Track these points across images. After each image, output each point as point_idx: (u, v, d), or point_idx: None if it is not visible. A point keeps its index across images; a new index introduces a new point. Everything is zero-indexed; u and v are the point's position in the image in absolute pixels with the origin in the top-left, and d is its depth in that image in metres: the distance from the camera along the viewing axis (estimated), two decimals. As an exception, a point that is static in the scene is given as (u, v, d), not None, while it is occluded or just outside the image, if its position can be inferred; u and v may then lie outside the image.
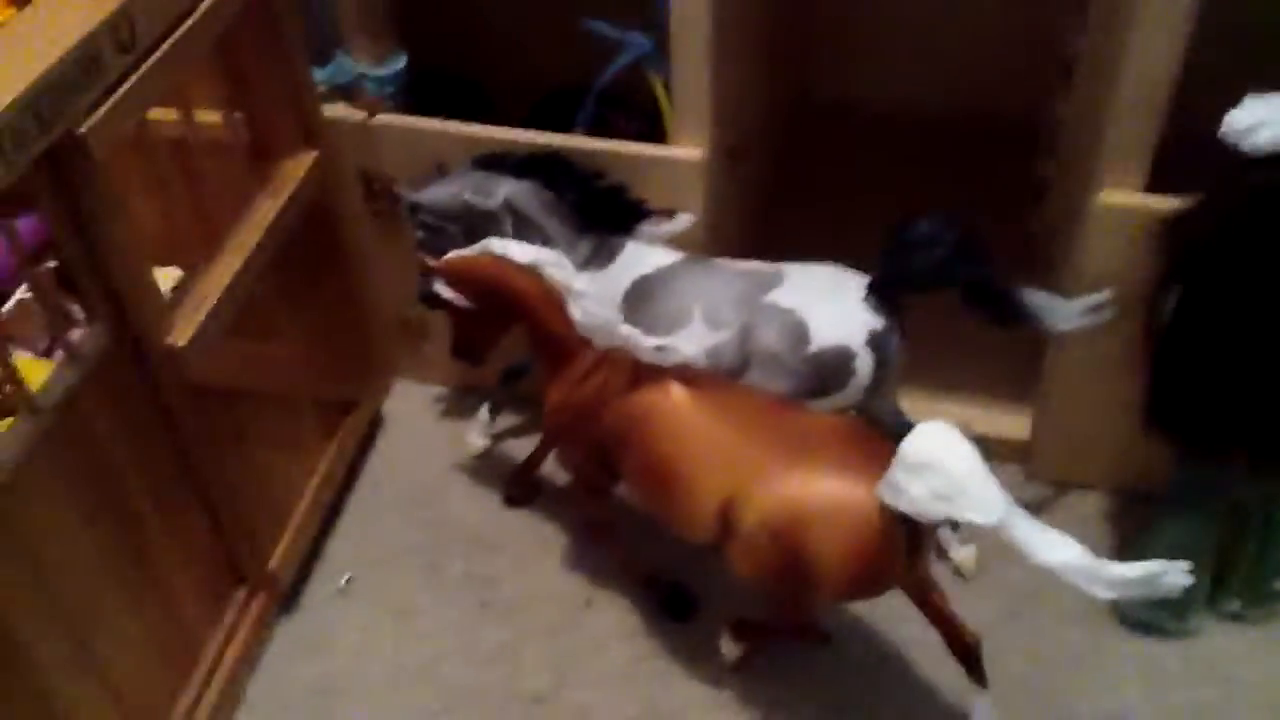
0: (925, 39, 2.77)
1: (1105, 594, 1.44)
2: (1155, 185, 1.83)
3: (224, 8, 1.73)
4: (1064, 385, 2.09)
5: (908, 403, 2.15)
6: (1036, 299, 1.81)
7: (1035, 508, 2.17)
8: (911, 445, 1.47)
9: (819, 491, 1.57)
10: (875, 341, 1.82)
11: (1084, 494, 2.20)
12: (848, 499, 1.55)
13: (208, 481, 1.87)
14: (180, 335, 1.70)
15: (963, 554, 2.06)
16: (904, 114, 2.83)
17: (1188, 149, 1.69)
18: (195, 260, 1.83)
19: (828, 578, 1.58)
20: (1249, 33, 1.93)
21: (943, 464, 1.45)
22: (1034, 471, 2.24)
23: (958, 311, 1.84)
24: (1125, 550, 2.01)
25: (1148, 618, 1.97)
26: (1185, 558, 1.87)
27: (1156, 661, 1.95)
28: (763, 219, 2.50)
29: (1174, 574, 1.46)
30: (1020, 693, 1.86)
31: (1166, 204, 1.78)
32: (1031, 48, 2.46)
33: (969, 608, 1.79)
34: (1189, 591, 1.89)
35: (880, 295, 1.84)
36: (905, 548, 1.56)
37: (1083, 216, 1.88)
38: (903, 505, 1.48)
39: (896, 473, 1.48)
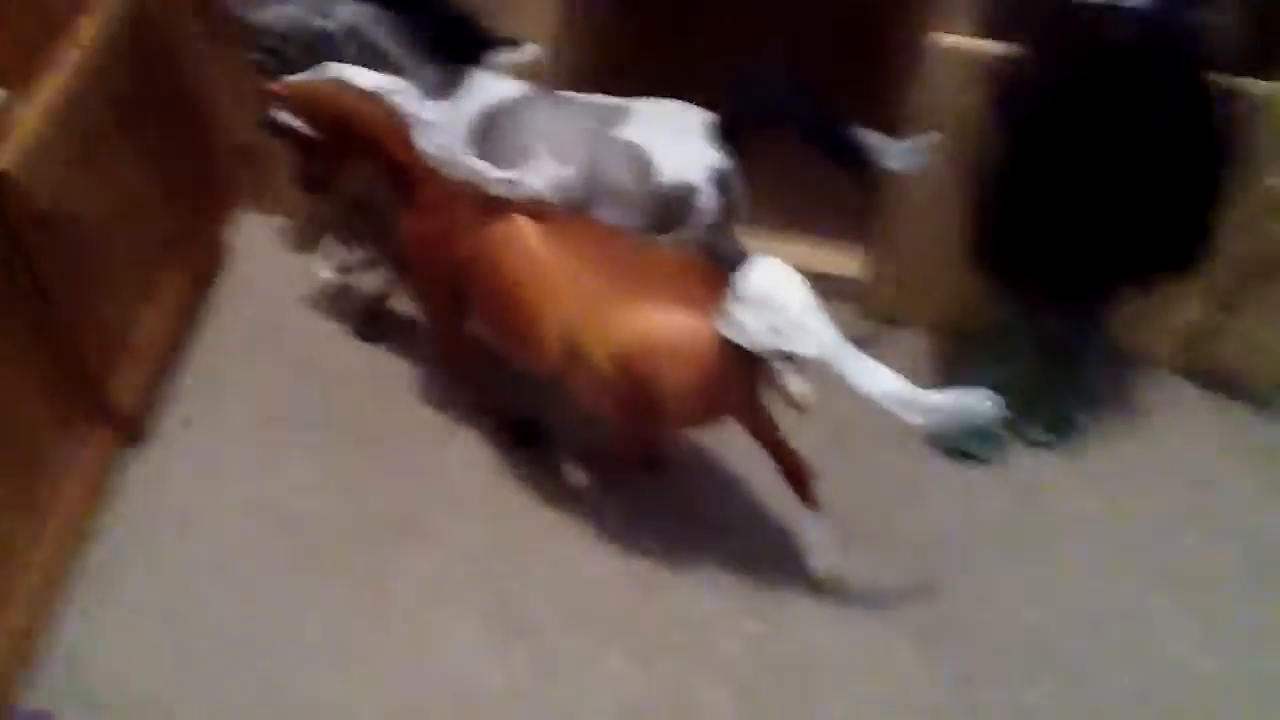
0: None
1: (923, 421, 1.56)
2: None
3: None
4: (896, 225, 2.19)
5: (750, 241, 2.22)
6: (868, 138, 1.88)
7: (867, 344, 2.27)
8: (747, 281, 1.54)
9: (661, 324, 1.63)
10: (718, 178, 1.87)
11: (915, 332, 2.32)
12: (688, 331, 1.61)
13: (46, 313, 1.83)
14: (5, 158, 1.63)
15: (798, 387, 2.17)
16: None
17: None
18: (14, 84, 1.74)
19: (670, 406, 1.66)
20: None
21: (776, 299, 1.53)
22: (868, 310, 2.34)
23: (801, 153, 1.90)
24: (949, 385, 2.15)
25: (961, 445, 2.12)
26: (1000, 390, 2.05)
27: (970, 484, 2.12)
28: (617, 54, 2.47)
29: (984, 403, 1.59)
30: (846, 513, 1.98)
31: (994, 48, 1.85)
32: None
33: (799, 437, 1.91)
34: (999, 421, 2.08)
35: (724, 134, 1.88)
36: (744, 378, 1.64)
37: (918, 60, 1.94)
38: (739, 338, 1.56)
39: (733, 307, 1.55)
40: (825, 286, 2.29)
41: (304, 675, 1.83)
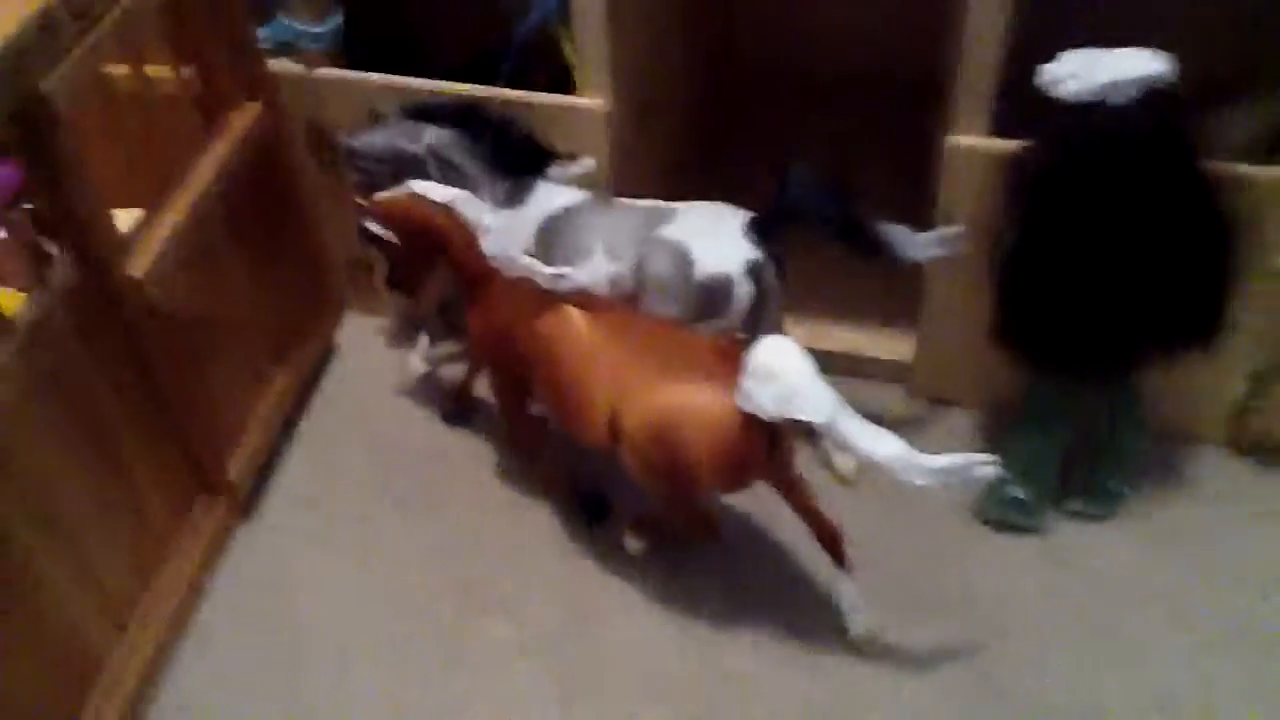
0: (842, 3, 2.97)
1: (922, 481, 1.70)
2: (1008, 130, 2.06)
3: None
4: (938, 311, 2.33)
5: (803, 329, 2.40)
6: (891, 231, 2.06)
7: (914, 424, 2.42)
8: (756, 356, 1.73)
9: (688, 397, 1.83)
10: (753, 270, 2.06)
11: (959, 410, 2.45)
12: (711, 403, 1.80)
13: (171, 398, 2.11)
14: (137, 267, 1.94)
15: (843, 464, 2.32)
16: (823, 72, 3.03)
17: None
18: (153, 202, 2.07)
19: (698, 471, 1.84)
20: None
21: (782, 371, 1.71)
22: (915, 390, 2.48)
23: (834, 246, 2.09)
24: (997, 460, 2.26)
25: (1003, 516, 2.22)
26: (1033, 463, 2.17)
27: (1010, 553, 2.21)
28: (676, 165, 2.72)
29: (984, 466, 1.72)
30: (885, 581, 2.11)
31: (1004, 146, 2.02)
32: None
33: (847, 510, 2.05)
34: (1038, 491, 2.18)
35: (759, 230, 2.08)
36: (763, 445, 1.82)
37: (939, 159, 2.11)
38: (750, 407, 1.74)
39: (746, 380, 1.74)
40: (876, 370, 2.49)
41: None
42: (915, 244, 2.08)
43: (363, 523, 2.37)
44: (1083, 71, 1.80)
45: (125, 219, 2.00)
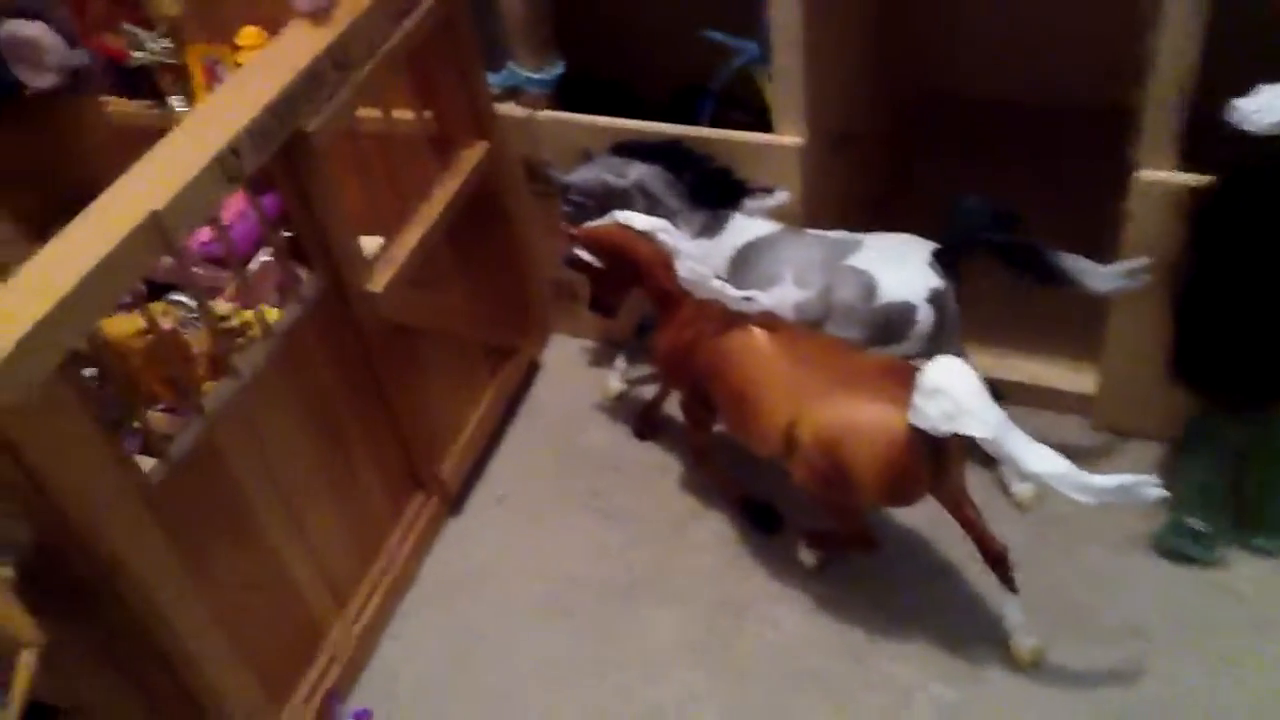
0: (1032, 33, 3.02)
1: (1088, 499, 1.76)
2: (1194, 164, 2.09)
3: (416, 32, 2.22)
4: (1122, 343, 2.35)
5: (985, 358, 2.47)
6: (1073, 262, 2.11)
7: (1098, 456, 2.44)
8: (927, 374, 1.83)
9: (860, 413, 1.94)
10: (935, 298, 2.16)
11: (1141, 443, 2.44)
12: (881, 418, 1.91)
13: (395, 400, 2.38)
14: (376, 284, 2.20)
15: (1020, 489, 2.37)
16: (1012, 104, 3.09)
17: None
18: (391, 228, 2.35)
19: (866, 483, 1.95)
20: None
21: (950, 388, 1.80)
22: (1096, 422, 2.50)
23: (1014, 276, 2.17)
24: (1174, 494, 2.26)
25: (1178, 546, 2.22)
26: (1204, 494, 2.16)
27: (1179, 584, 2.20)
28: (864, 196, 2.83)
29: (1146, 487, 1.76)
30: (1051, 603, 2.15)
31: (1190, 180, 2.04)
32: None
33: (1020, 532, 2.12)
34: (1213, 524, 2.17)
35: (942, 259, 2.18)
36: (931, 461, 1.91)
37: (1126, 192, 2.15)
38: (920, 422, 1.84)
39: (916, 396, 1.84)
40: (1056, 401, 2.52)
41: (562, 699, 2.24)
42: (1100, 276, 2.12)
43: (551, 523, 2.58)
44: (1276, 105, 1.82)
45: (367, 244, 2.28)
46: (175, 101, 2.62)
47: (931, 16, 3.08)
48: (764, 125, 2.44)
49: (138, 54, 2.55)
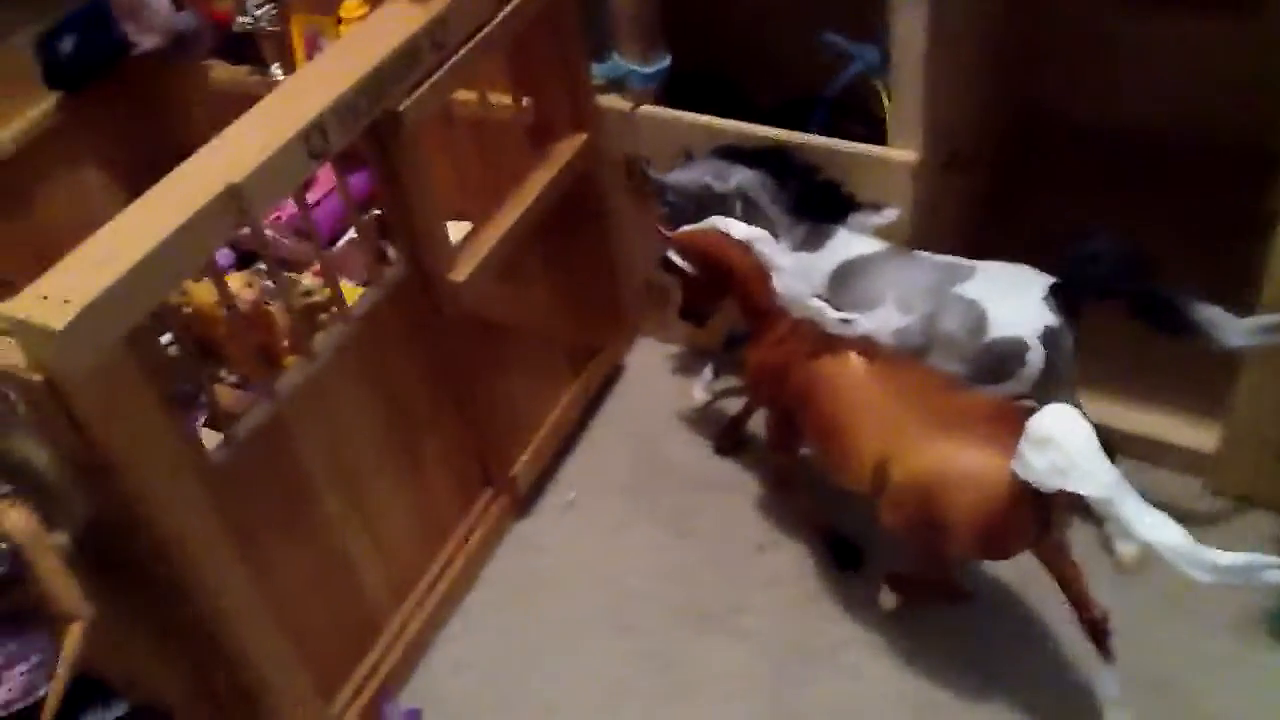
0: (1158, 61, 2.83)
1: (1204, 577, 1.59)
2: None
3: (518, 16, 2.13)
4: (1254, 401, 2.16)
5: (1098, 405, 2.29)
6: (1206, 312, 1.93)
7: (1213, 522, 2.26)
8: (1036, 423, 1.67)
9: (961, 458, 1.79)
10: (1048, 338, 2.00)
11: (1262, 513, 2.25)
12: (983, 466, 1.76)
13: (471, 394, 2.30)
14: (460, 273, 2.12)
15: (1126, 550, 2.20)
16: (1140, 132, 2.89)
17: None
18: (481, 216, 2.27)
19: (960, 534, 1.81)
20: None
21: (1061, 440, 1.64)
22: (1219, 486, 2.31)
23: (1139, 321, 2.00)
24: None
25: (1297, 634, 2.04)
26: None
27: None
28: (976, 220, 2.67)
29: (1270, 569, 1.58)
30: (1147, 679, 1.98)
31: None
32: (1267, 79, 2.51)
33: (1123, 600, 1.95)
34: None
35: (1059, 297, 2.02)
36: (1033, 515, 1.76)
37: (1268, 239, 1.97)
38: (1026, 474, 1.69)
39: (1023, 446, 1.69)
40: (1173, 458, 2.34)
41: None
42: (1234, 329, 1.94)
43: (622, 535, 2.48)
44: None
45: (454, 230, 2.20)
46: (275, 69, 2.58)
47: (1059, 38, 2.89)
48: (879, 137, 2.30)
49: (242, 19, 2.51)
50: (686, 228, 2.19)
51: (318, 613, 2.06)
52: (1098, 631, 1.88)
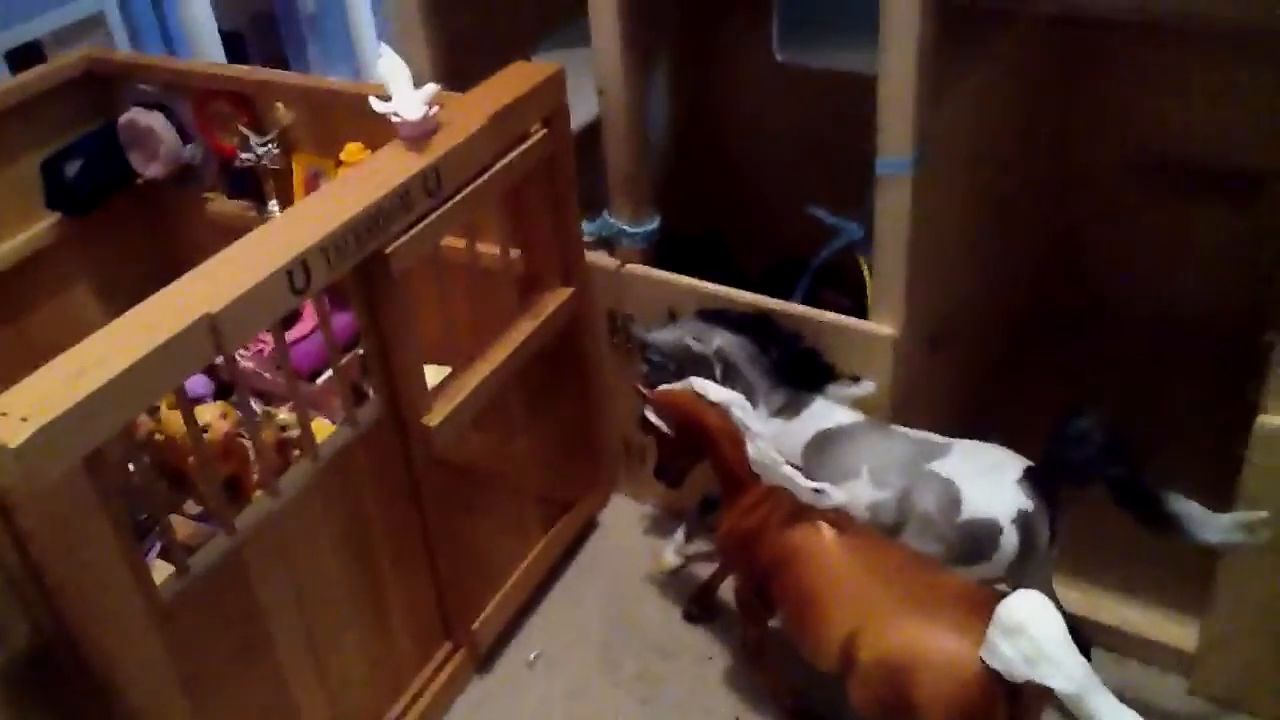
0: (1158, 246, 2.89)
1: None
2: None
3: (514, 169, 2.18)
4: (1230, 601, 2.12)
5: (1076, 594, 2.26)
6: (1184, 506, 1.91)
7: (1182, 720, 2.19)
8: (1005, 609, 1.63)
9: (931, 642, 1.74)
10: (1023, 521, 1.97)
11: (1244, 717, 2.18)
12: (953, 651, 1.71)
13: (439, 542, 2.25)
14: (434, 417, 2.10)
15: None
16: (1134, 315, 2.93)
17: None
18: (462, 362, 2.27)
19: (928, 718, 1.74)
20: None
21: (1031, 629, 1.60)
22: (1197, 686, 2.24)
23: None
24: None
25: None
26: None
27: None
28: (961, 398, 2.67)
29: None
30: None
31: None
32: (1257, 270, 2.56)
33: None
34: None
35: (1036, 481, 2.00)
36: (1003, 704, 1.69)
37: (1247, 437, 1.96)
38: (995, 662, 1.63)
39: (992, 633, 1.64)
40: (1153, 655, 2.29)
41: None
42: (1211, 525, 1.91)
43: (585, 699, 2.38)
44: None
45: (434, 374, 2.20)
46: (273, 205, 2.62)
47: (1052, 224, 2.97)
48: (861, 310, 2.33)
49: (245, 155, 2.56)
50: (664, 387, 2.19)
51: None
52: None
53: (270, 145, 2.53)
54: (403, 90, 1.99)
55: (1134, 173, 2.88)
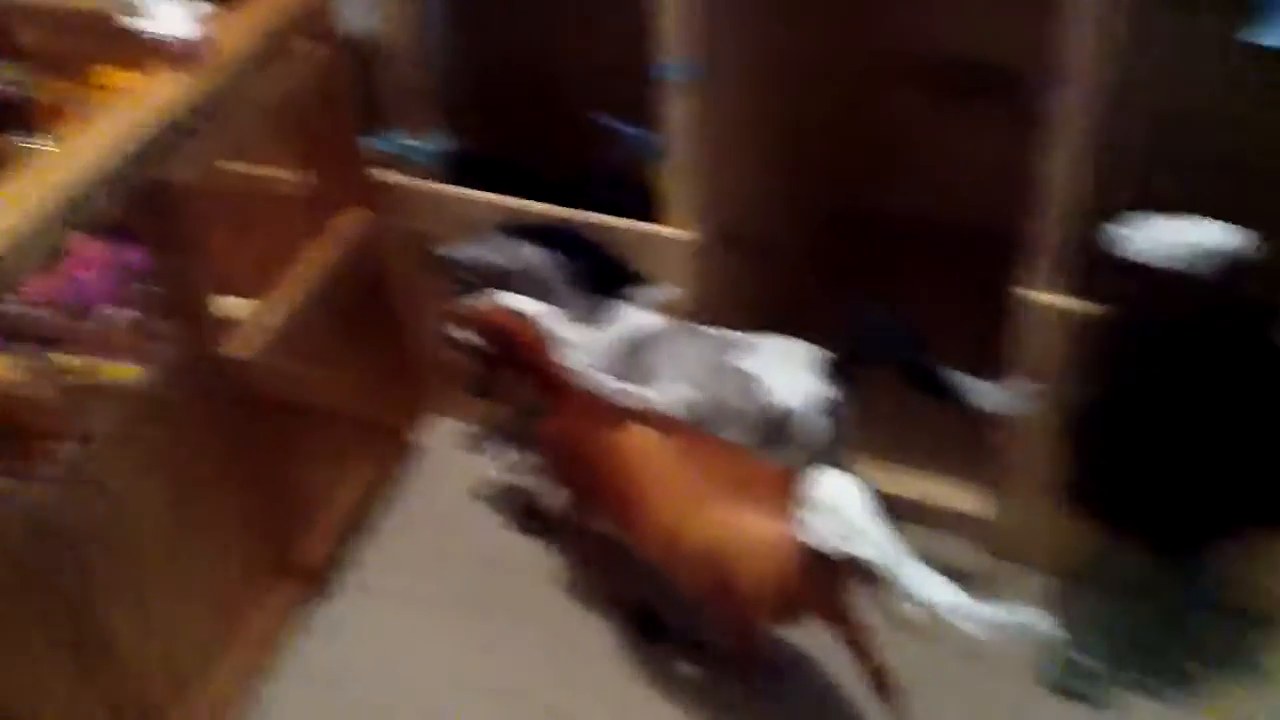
0: (951, 160, 3.03)
1: (977, 633, 1.67)
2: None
3: (291, 88, 2.11)
4: (1016, 468, 2.29)
5: (881, 472, 2.39)
6: (959, 380, 2.06)
7: (986, 582, 2.35)
8: (817, 487, 1.74)
9: (748, 526, 1.83)
10: (825, 406, 2.08)
11: (1037, 573, 2.36)
12: (769, 533, 1.80)
13: (260, 476, 2.21)
14: (243, 349, 2.06)
15: (915, 614, 2.27)
16: (920, 218, 3.08)
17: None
18: (265, 292, 2.20)
19: (750, 599, 1.84)
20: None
21: (840, 505, 1.71)
22: (992, 548, 2.42)
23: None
24: (1066, 628, 2.16)
25: (1064, 681, 2.14)
26: (1102, 631, 2.11)
27: (1067, 721, 2.12)
28: (761, 299, 2.76)
29: (1039, 623, 1.68)
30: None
31: (1074, 304, 2.02)
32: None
33: (911, 660, 2.01)
34: (1106, 661, 2.11)
35: (834, 369, 2.11)
36: (818, 580, 1.80)
37: (1016, 314, 2.12)
38: (808, 539, 1.74)
39: (805, 511, 1.74)
40: (953, 523, 2.45)
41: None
42: (982, 394, 2.07)
43: (423, 618, 2.40)
44: (1153, 237, 1.80)
45: (235, 306, 2.13)
46: (39, 139, 2.45)
47: (847, 129, 3.06)
48: (653, 214, 2.36)
49: (-11, 84, 2.39)
50: (469, 302, 2.19)
51: (86, 708, 1.91)
52: (887, 693, 1.94)
53: (17, 73, 2.35)
54: (165, 8, 1.89)
55: (920, 77, 2.99)
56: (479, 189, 2.44)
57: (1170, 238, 1.81)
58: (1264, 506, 1.92)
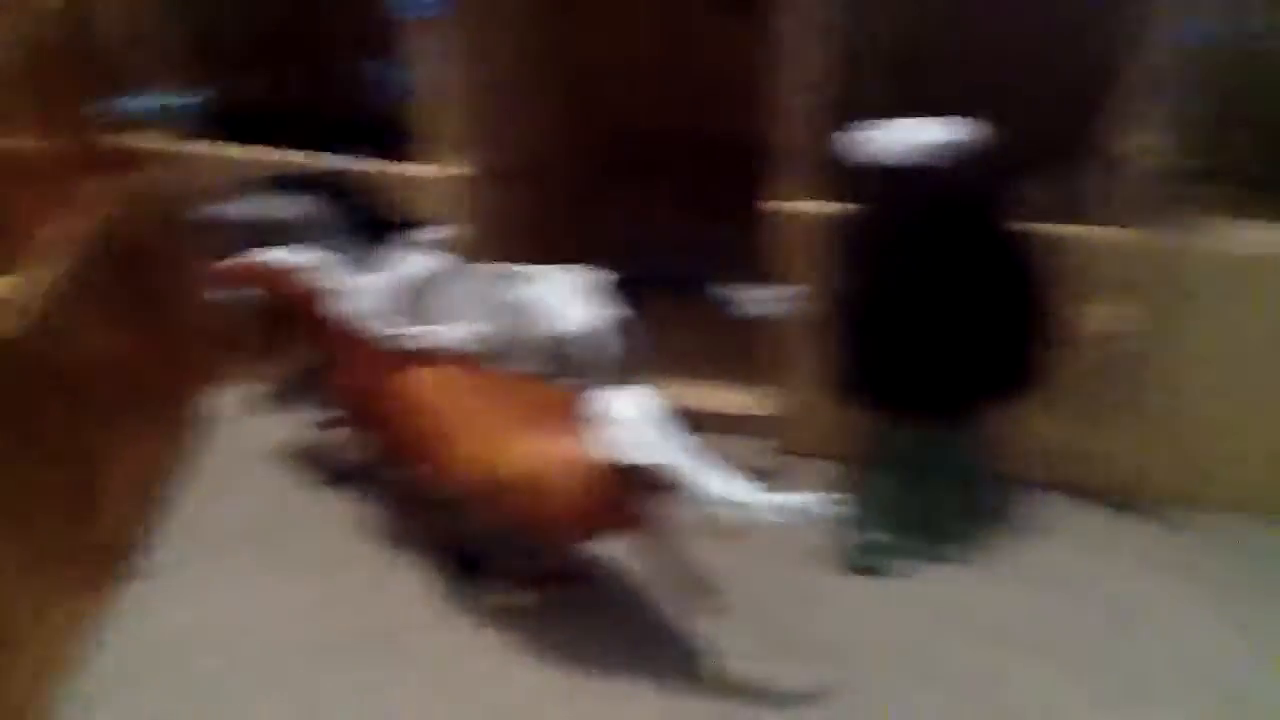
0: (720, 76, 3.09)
1: (771, 520, 1.78)
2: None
3: (24, 49, 2.00)
4: (794, 367, 2.42)
5: (674, 386, 2.45)
6: (724, 291, 2.18)
7: (783, 477, 2.47)
8: (610, 405, 1.81)
9: (546, 447, 1.89)
10: (606, 329, 2.15)
11: (828, 463, 2.49)
12: (569, 453, 1.87)
13: (47, 457, 2.12)
14: (5, 329, 1.96)
15: (713, 510, 2.38)
16: (680, 137, 3.16)
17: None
18: (23, 267, 2.08)
19: (560, 519, 1.91)
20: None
21: (634, 419, 1.78)
22: (782, 444, 2.55)
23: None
24: (857, 510, 2.31)
25: (862, 560, 2.30)
26: (890, 507, 2.26)
27: (872, 597, 2.27)
28: (539, 229, 2.81)
29: (826, 504, 1.80)
30: (753, 624, 2.16)
31: (822, 208, 2.16)
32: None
33: (720, 557, 2.09)
34: (897, 537, 2.27)
35: (614, 291, 2.17)
36: (620, 492, 1.87)
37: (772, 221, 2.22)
38: (605, 455, 1.81)
39: (600, 428, 1.81)
40: (742, 425, 2.56)
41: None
42: (754, 301, 2.19)
43: (235, 587, 2.36)
44: (887, 138, 1.93)
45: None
46: None
47: (598, 52, 3.09)
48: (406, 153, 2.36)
49: None
50: (239, 260, 2.15)
51: None
52: (698, 592, 2.04)
53: None
54: None
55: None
56: (243, 143, 2.37)
57: (902, 137, 1.94)
58: (1007, 376, 2.10)
